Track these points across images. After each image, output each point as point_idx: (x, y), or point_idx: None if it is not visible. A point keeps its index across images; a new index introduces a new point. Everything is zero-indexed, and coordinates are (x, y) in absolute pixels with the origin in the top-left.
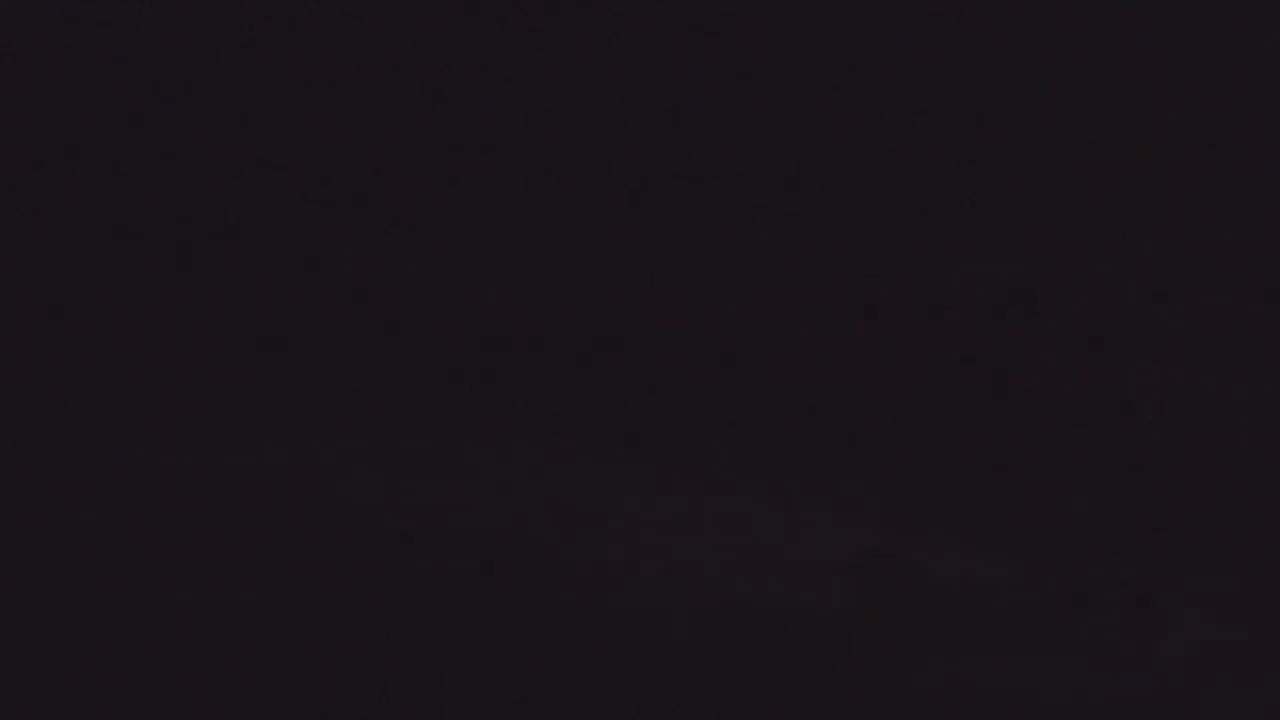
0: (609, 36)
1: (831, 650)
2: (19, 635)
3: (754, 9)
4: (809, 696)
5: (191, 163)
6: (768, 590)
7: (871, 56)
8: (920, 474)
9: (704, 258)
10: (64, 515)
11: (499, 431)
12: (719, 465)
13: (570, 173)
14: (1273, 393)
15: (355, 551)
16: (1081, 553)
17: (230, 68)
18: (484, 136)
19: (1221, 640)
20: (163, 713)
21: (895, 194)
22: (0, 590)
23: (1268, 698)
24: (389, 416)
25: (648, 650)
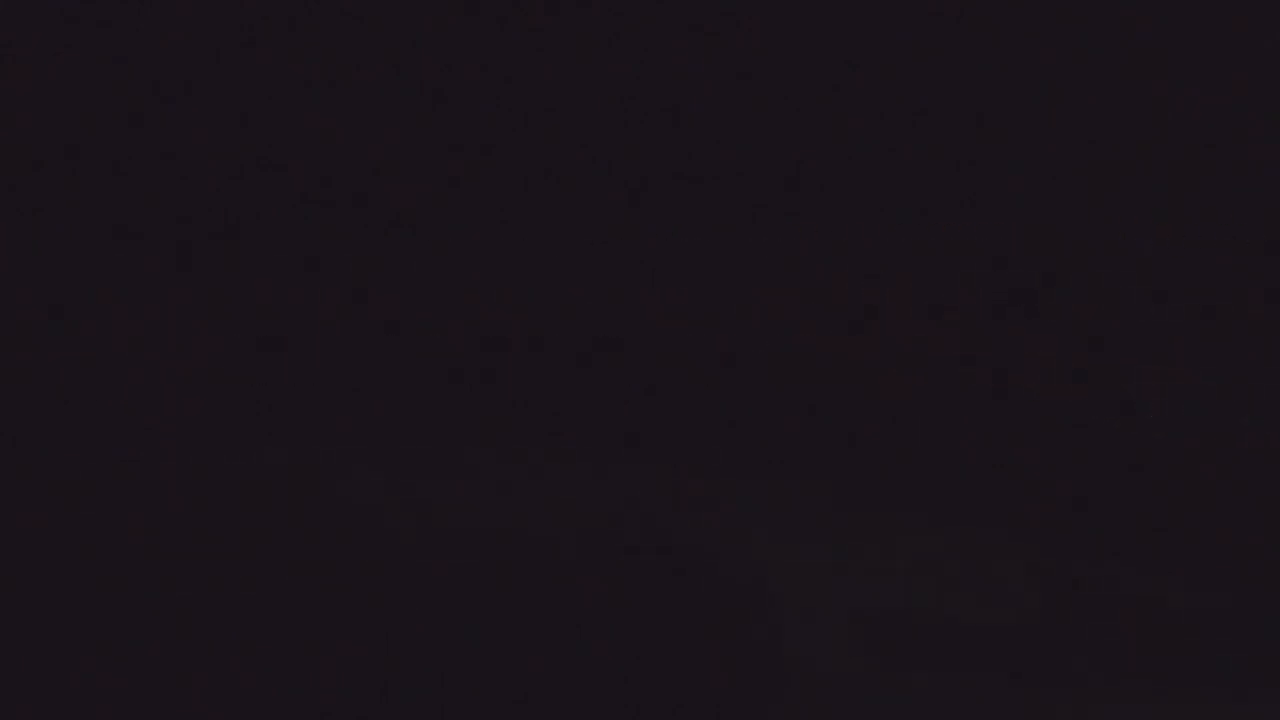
0: (609, 36)
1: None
2: (19, 635)
3: (754, 9)
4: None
5: (191, 163)
6: (770, 591)
7: (871, 56)
8: (920, 474)
9: (704, 258)
10: (64, 515)
11: (499, 431)
12: (719, 465)
13: (570, 173)
14: (1273, 393)
15: (355, 551)
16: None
17: (230, 68)
18: (484, 136)
19: None
20: (163, 713)
21: (895, 194)
22: (0, 590)
23: None
24: (389, 416)
25: (648, 651)
